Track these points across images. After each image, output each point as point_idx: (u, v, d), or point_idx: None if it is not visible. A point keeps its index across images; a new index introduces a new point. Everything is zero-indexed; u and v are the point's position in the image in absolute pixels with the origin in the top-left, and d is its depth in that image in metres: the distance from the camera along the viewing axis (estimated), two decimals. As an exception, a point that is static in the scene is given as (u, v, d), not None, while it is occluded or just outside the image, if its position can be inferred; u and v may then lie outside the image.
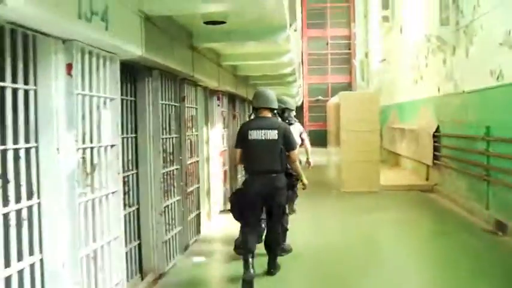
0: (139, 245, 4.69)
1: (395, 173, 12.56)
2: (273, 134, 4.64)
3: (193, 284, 4.83)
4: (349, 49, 26.18)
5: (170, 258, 5.08)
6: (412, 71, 12.32)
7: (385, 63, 16.40)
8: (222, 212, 8.16)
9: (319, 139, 22.08)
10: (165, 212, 4.92)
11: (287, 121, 6.06)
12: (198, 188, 6.39)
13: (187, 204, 5.85)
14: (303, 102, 26.77)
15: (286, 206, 5.22)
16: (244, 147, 4.73)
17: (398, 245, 6.36)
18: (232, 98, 9.45)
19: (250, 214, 4.71)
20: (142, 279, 4.67)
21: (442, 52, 9.66)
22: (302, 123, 26.53)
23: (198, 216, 6.40)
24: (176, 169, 5.30)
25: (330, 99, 19.47)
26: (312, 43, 26.77)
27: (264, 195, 4.63)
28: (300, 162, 8.22)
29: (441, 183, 9.77)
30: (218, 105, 8.04)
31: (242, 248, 4.78)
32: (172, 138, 5.22)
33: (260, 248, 4.99)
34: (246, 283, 4.44)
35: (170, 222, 5.10)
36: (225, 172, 8.60)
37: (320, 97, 25.81)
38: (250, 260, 4.52)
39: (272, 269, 4.90)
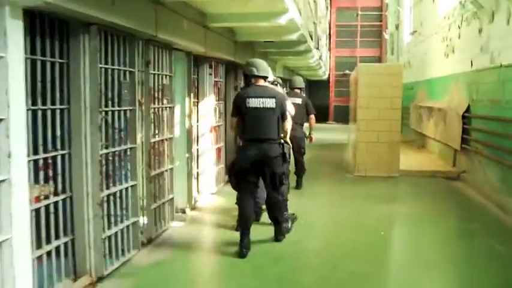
0: (73, 241, 3.80)
1: (420, 156, 11.32)
2: (271, 103, 4.66)
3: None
4: (381, 21, 24.47)
5: (118, 257, 4.19)
6: (443, 44, 10.94)
7: (416, 36, 14.95)
8: (214, 193, 7.25)
9: (343, 115, 20.88)
10: (108, 200, 4.01)
11: None
12: (172, 169, 5.45)
13: (152, 189, 4.93)
14: (329, 76, 25.41)
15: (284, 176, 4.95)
16: (241, 115, 4.72)
17: (412, 248, 5.27)
18: (233, 68, 8.42)
19: (244, 182, 4.70)
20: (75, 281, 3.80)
21: (477, 19, 8.31)
22: (326, 97, 25.30)
23: (171, 202, 5.48)
24: (130, 149, 4.35)
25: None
26: (341, 14, 25.17)
27: (256, 163, 4.63)
28: (305, 136, 7.46)
29: (469, 171, 8.55)
30: (210, 75, 7.02)
31: (239, 218, 4.85)
32: (126, 111, 4.26)
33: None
34: (240, 255, 4.51)
35: (118, 213, 4.19)
36: (218, 149, 7.62)
37: (347, 71, 24.24)
38: (245, 232, 4.61)
39: (278, 236, 5.00)
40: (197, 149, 6.78)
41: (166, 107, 5.22)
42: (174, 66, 5.61)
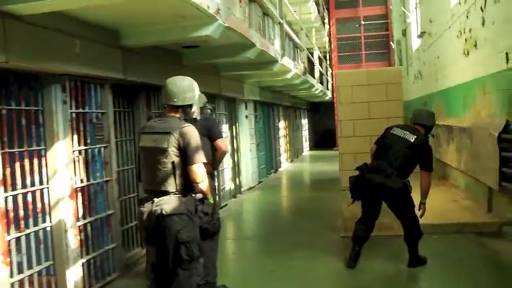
0: None
1: (439, 195, 8.09)
2: (163, 141, 3.26)
3: None
4: (387, 30, 21.56)
5: None
6: (460, 39, 8.00)
7: (425, 38, 12.00)
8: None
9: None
10: None
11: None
12: None
13: None
14: (333, 97, 22.48)
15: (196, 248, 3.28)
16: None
17: None
18: (144, 91, 5.64)
19: (148, 253, 3.47)
20: None
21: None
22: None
23: None
24: None
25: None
26: (342, 26, 22.35)
27: (152, 226, 3.30)
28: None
29: (516, 223, 5.52)
30: (64, 103, 4.20)
31: None
32: None
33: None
34: None
35: None
36: (80, 228, 4.47)
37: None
38: None
39: None
40: (44, 231, 3.93)
41: None
42: None
